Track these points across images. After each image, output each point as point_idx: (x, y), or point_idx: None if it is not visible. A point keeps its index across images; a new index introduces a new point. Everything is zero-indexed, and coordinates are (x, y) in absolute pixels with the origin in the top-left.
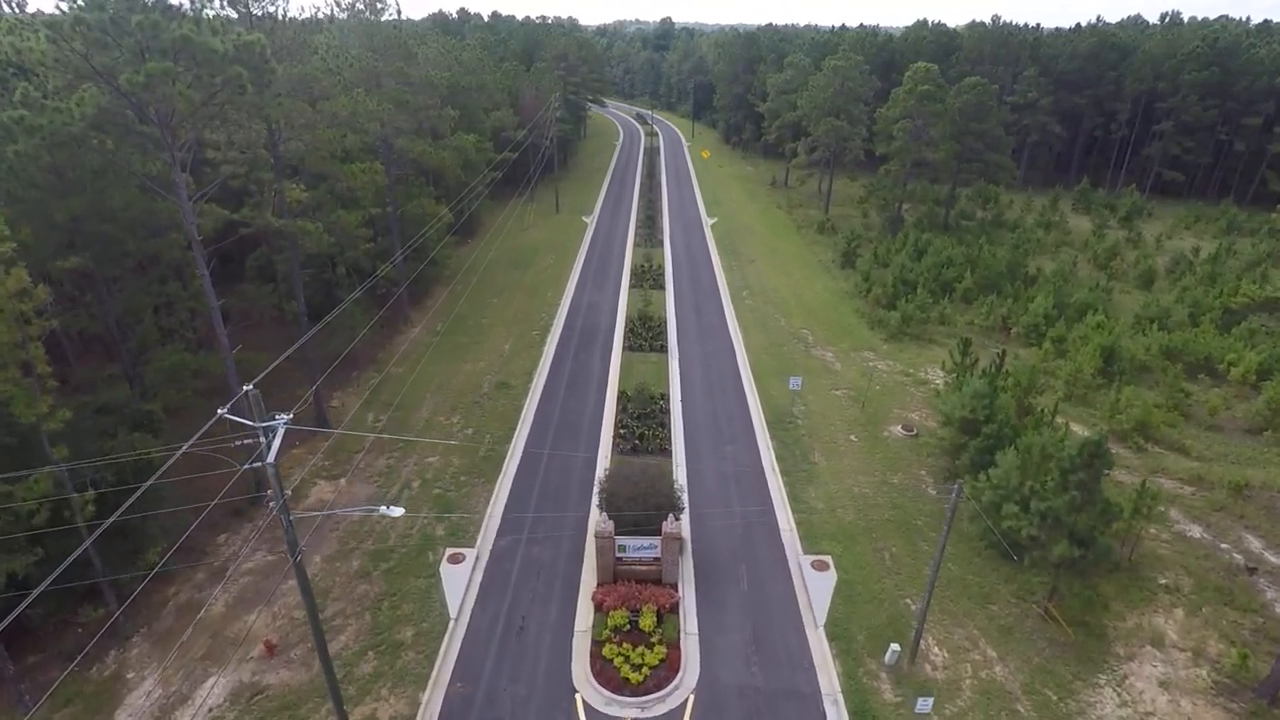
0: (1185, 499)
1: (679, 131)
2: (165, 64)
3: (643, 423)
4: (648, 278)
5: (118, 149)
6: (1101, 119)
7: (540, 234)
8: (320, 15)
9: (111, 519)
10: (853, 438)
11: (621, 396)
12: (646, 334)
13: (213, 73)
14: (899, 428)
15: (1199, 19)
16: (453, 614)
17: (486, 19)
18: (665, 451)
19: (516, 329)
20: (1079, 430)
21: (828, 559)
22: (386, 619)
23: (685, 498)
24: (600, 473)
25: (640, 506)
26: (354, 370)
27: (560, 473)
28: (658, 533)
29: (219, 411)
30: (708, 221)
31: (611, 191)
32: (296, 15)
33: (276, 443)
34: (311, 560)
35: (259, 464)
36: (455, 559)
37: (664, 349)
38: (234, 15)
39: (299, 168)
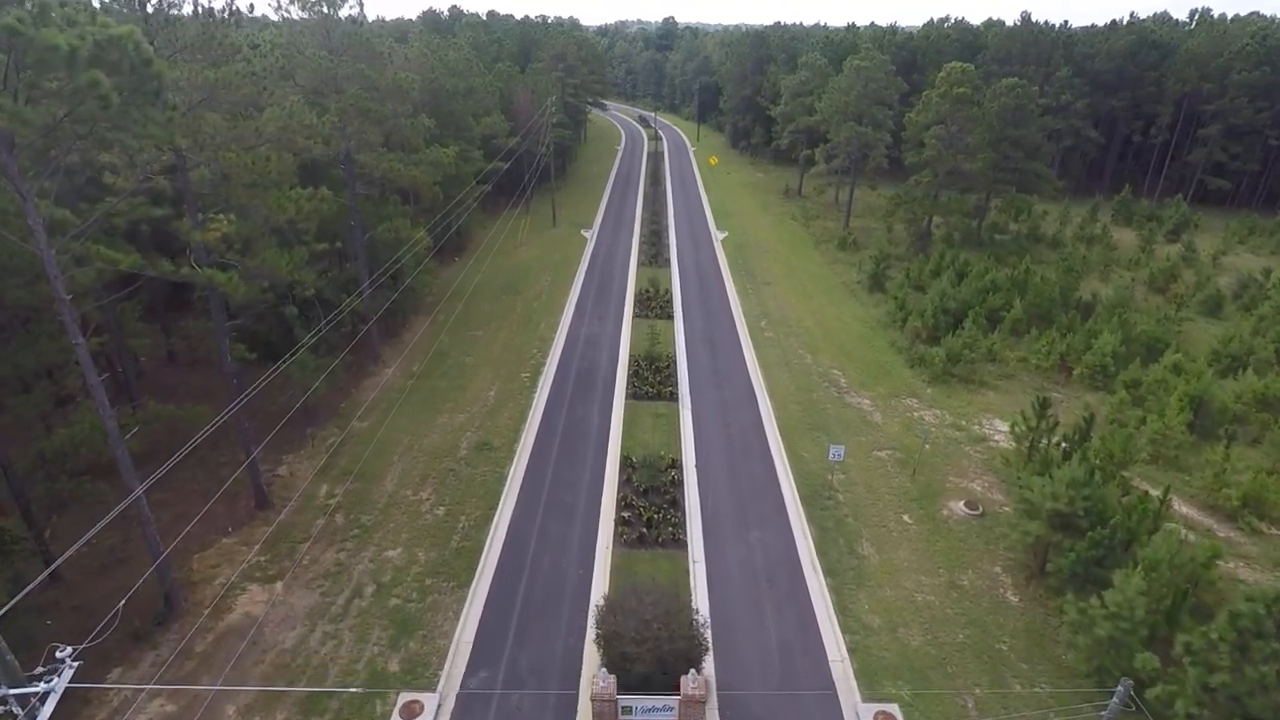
0: None
1: (683, 135)
2: None
3: (650, 500)
4: (654, 305)
5: None
6: (1140, 122)
7: (535, 251)
8: (246, 8)
9: None
10: (906, 519)
11: (625, 463)
12: (653, 377)
13: (62, 80)
14: (961, 505)
15: (1229, 16)
16: None
17: (484, 17)
18: (678, 542)
19: (504, 370)
20: (1181, 508)
21: (895, 711)
22: None
23: (709, 634)
24: (598, 588)
25: (650, 652)
26: (312, 425)
27: (550, 573)
28: (674, 687)
29: None
30: (718, 236)
31: (613, 202)
32: (209, 4)
33: (48, 710)
34: (223, 712)
35: None
36: (410, 711)
37: (674, 397)
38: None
39: (217, 197)
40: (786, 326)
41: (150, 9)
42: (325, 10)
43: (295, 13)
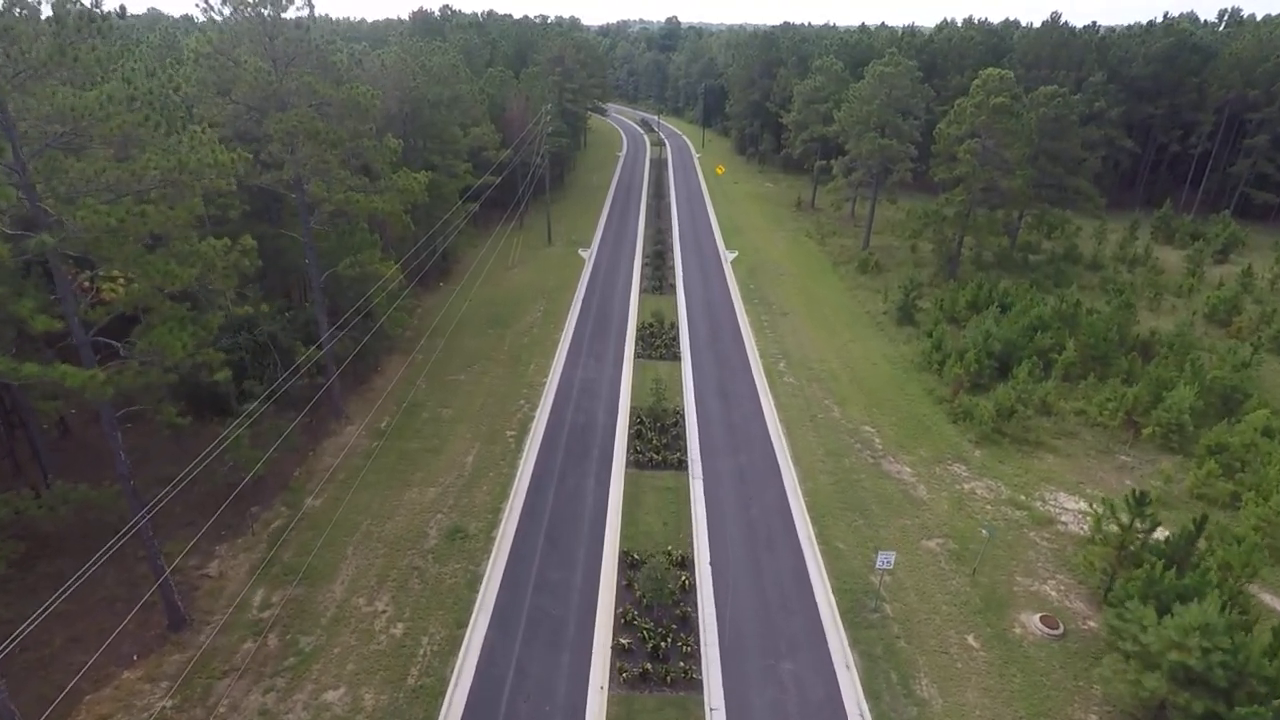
0: None
1: (687, 140)
2: None
3: (656, 617)
4: (658, 343)
5: None
6: (1178, 131)
7: (528, 274)
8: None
9: None
10: (971, 640)
11: (625, 561)
12: (658, 439)
13: None
14: (1036, 620)
15: (1259, 17)
16: None
17: (482, 17)
18: (691, 681)
19: (486, 426)
20: None
21: None
22: None
23: None
24: None
25: None
26: (257, 504)
27: None
28: None
29: None
30: (727, 257)
31: (613, 216)
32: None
33: None
34: None
35: None
36: None
37: (682, 464)
38: None
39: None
40: (808, 369)
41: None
42: (265, 11)
43: (227, 13)
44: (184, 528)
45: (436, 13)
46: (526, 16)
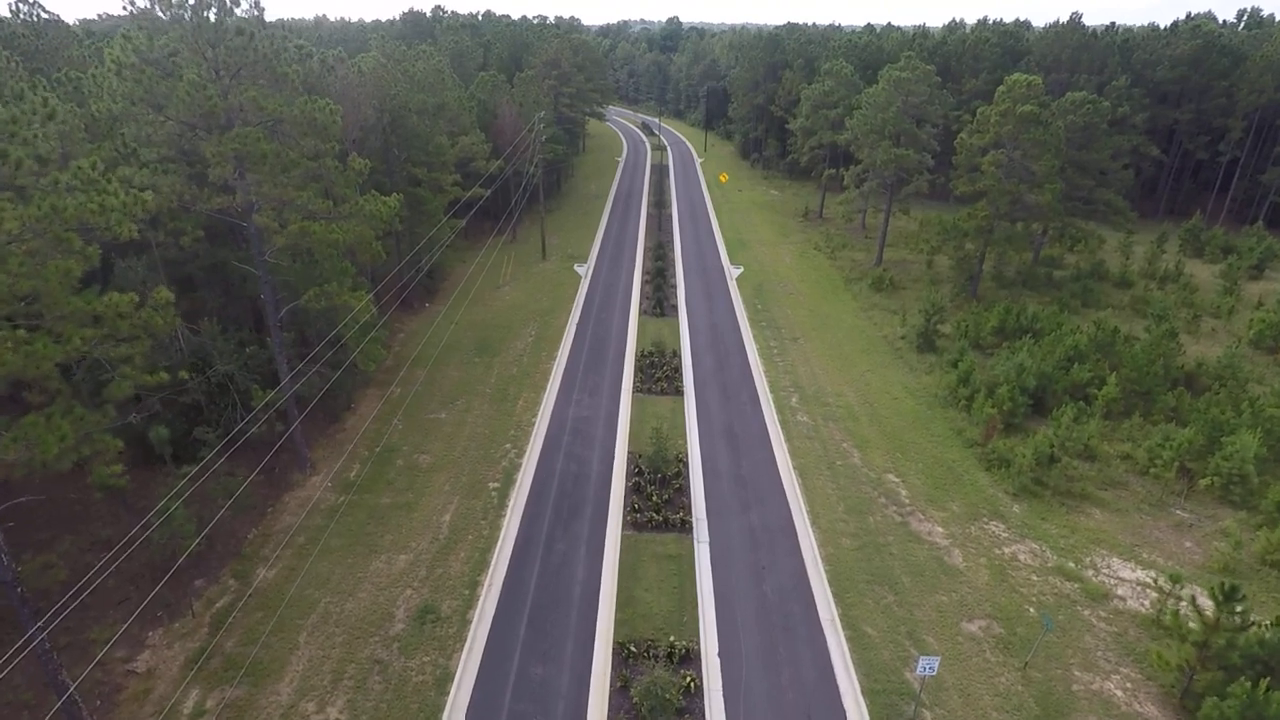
0: None
1: (689, 144)
2: None
3: None
4: (659, 374)
5: None
6: (1205, 138)
7: (519, 293)
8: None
9: None
10: None
11: (620, 655)
12: (659, 493)
13: None
14: None
15: (1278, 19)
16: None
17: (479, 18)
18: None
19: (467, 476)
20: None
21: None
22: None
23: None
24: None
25: None
26: (200, 575)
27: None
28: None
29: None
30: (732, 273)
31: (612, 228)
32: None
33: None
34: None
35: None
36: None
37: (686, 526)
38: None
39: None
40: (823, 405)
41: None
42: (206, 14)
43: (157, 14)
44: (116, 606)
45: (428, 13)
46: (525, 17)
